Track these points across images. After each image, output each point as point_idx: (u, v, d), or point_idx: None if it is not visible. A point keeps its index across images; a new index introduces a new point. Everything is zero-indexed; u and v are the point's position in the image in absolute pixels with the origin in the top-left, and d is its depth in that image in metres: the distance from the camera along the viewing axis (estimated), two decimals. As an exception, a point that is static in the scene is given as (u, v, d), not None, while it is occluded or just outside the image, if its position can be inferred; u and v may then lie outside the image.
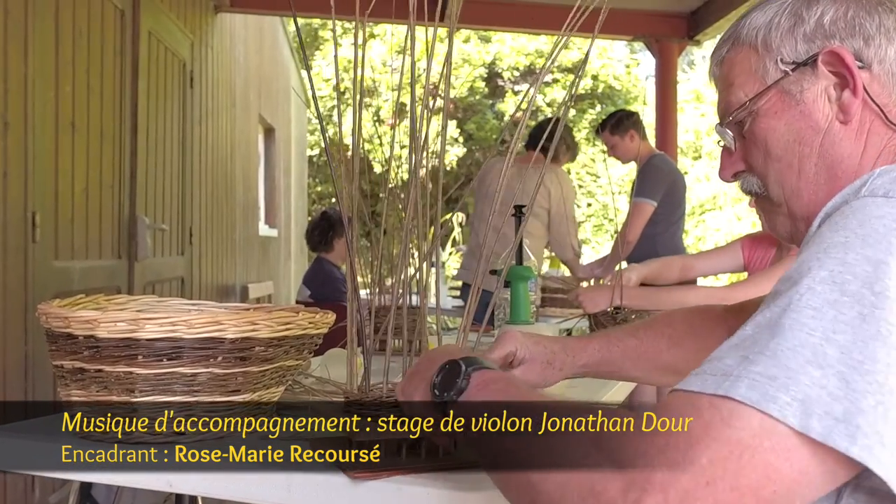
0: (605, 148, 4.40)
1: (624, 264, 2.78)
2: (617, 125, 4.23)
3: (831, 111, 0.91)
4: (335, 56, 1.05)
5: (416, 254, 1.05)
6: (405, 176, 1.16)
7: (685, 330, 1.32)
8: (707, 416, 0.64)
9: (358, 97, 1.02)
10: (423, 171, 1.01)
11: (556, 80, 15.67)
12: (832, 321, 0.66)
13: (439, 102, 1.01)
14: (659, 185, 4.13)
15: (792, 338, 0.66)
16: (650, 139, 4.69)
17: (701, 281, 3.96)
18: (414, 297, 1.09)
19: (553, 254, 4.26)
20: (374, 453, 1.00)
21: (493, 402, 0.79)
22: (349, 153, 1.05)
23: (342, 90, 1.09)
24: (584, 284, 3.34)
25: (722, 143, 1.02)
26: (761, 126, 0.95)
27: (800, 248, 0.81)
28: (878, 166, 0.88)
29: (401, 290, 1.04)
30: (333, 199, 16.12)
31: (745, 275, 2.97)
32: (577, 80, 1.12)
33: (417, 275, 1.05)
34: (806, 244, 0.78)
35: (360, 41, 1.01)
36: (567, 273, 4.27)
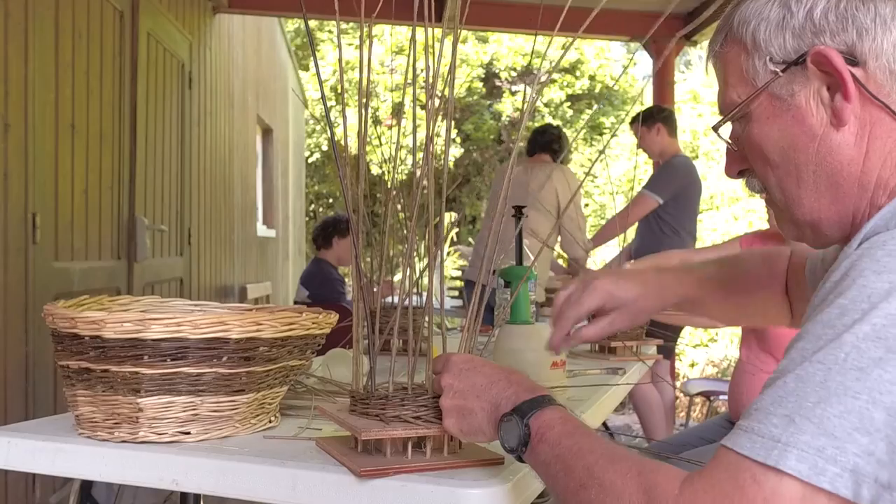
0: (602, 149, 4.43)
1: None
2: (646, 118, 4.28)
3: (826, 115, 0.85)
4: (339, 58, 1.06)
5: (421, 251, 1.06)
6: (402, 177, 1.16)
7: (767, 280, 1.32)
8: (751, 494, 0.66)
9: (363, 98, 1.02)
10: (420, 172, 1.02)
11: (552, 81, 15.68)
12: (877, 381, 0.66)
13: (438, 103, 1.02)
14: (670, 183, 4.15)
15: (838, 403, 0.66)
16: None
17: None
18: (414, 298, 1.09)
19: (563, 252, 4.27)
20: (380, 451, 1.01)
21: (556, 454, 0.83)
22: (347, 152, 1.06)
23: (340, 91, 1.10)
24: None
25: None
26: (755, 131, 0.91)
27: (835, 264, 0.78)
28: (885, 171, 0.85)
29: (406, 290, 1.05)
30: (331, 200, 16.15)
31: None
32: (546, 78, 1.13)
33: (420, 275, 1.06)
34: (843, 269, 0.75)
35: (364, 42, 1.01)
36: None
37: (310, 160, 14.87)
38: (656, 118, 4.26)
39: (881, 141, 0.85)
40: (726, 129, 0.97)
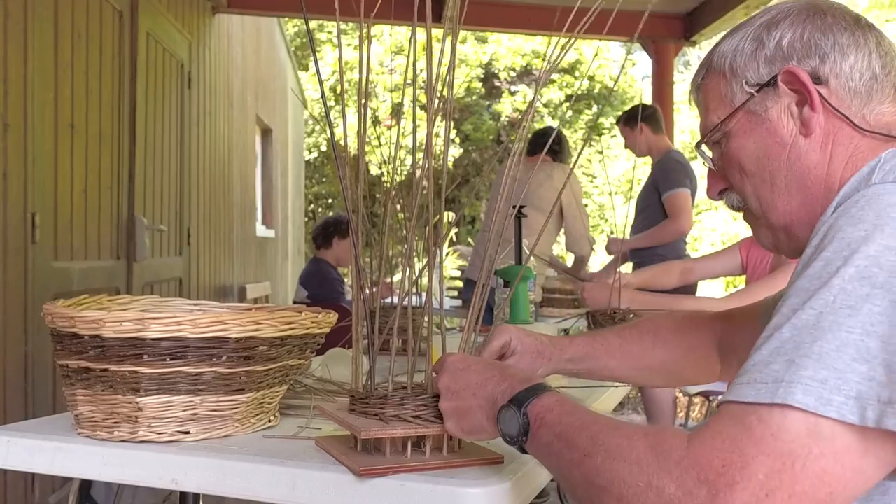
0: (601, 149, 4.44)
1: (628, 267, 2.80)
2: (630, 118, 4.27)
3: (795, 126, 0.97)
4: (339, 58, 1.06)
5: (420, 251, 1.06)
6: (401, 177, 1.16)
7: (671, 332, 1.37)
8: (758, 434, 0.69)
9: (362, 98, 1.03)
10: (419, 173, 1.02)
11: (552, 81, 15.68)
12: (868, 314, 0.71)
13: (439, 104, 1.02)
14: (680, 174, 4.12)
15: (834, 339, 0.71)
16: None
17: (701, 283, 3.96)
18: (414, 298, 1.10)
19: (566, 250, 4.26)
20: (379, 451, 1.01)
21: (557, 432, 0.84)
22: (347, 152, 1.06)
23: (339, 91, 1.10)
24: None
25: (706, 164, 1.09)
26: (733, 145, 1.02)
27: (815, 229, 0.84)
28: (847, 173, 0.94)
29: (405, 290, 1.05)
30: (331, 200, 16.13)
31: (742, 278, 2.99)
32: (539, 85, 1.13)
33: (419, 275, 1.06)
34: (822, 233, 0.81)
35: (363, 42, 1.02)
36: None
37: (307, 158, 14.85)
38: (639, 118, 4.24)
39: (843, 147, 0.96)
40: (709, 154, 1.08)
